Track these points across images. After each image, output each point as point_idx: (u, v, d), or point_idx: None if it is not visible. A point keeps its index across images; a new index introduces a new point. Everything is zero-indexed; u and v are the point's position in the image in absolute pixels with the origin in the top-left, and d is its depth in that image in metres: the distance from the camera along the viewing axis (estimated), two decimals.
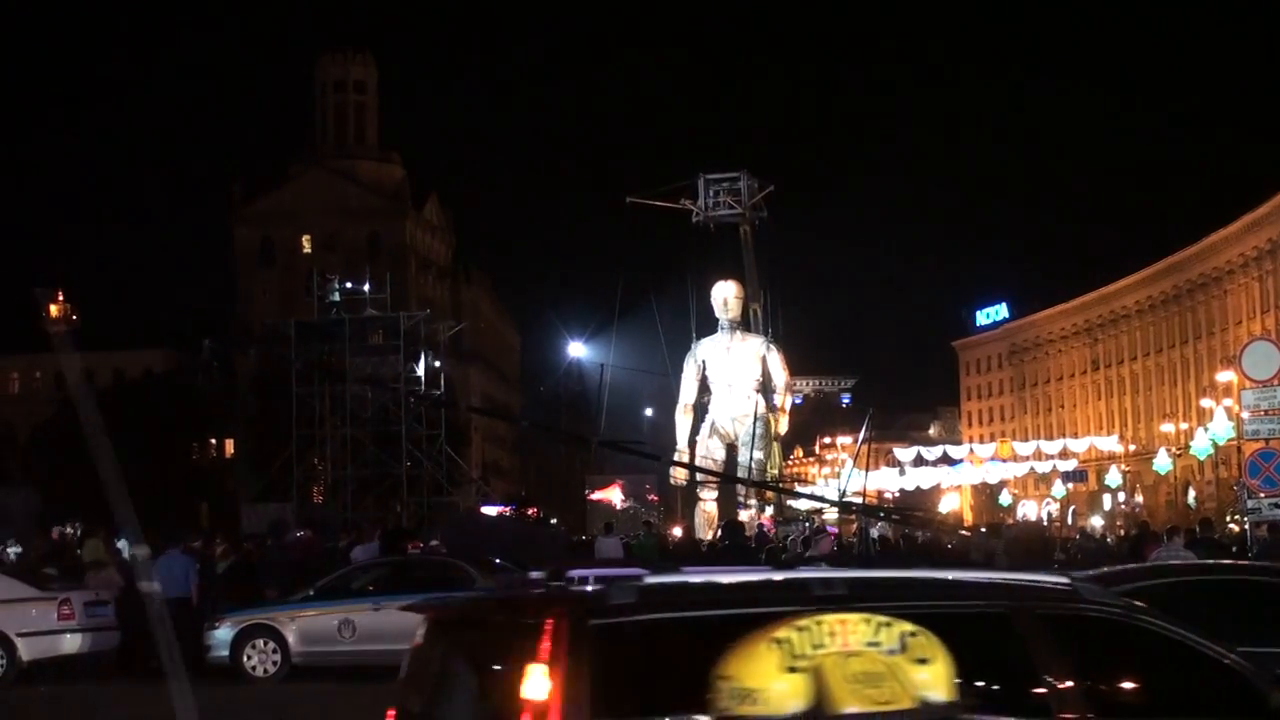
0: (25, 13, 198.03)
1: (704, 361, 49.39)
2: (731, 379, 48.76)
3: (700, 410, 50.68)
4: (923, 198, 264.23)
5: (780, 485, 52.81)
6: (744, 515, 45.25)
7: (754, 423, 47.88)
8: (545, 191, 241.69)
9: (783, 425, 49.37)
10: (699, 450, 49.09)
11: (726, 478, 47.17)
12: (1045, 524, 78.66)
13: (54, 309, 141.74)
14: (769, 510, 49.60)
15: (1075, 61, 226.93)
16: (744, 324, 50.43)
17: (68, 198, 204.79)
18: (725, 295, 49.22)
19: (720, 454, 49.06)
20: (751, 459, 47.17)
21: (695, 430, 49.99)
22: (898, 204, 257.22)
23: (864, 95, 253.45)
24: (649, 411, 52.23)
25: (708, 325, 50.16)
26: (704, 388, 50.02)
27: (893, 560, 28.26)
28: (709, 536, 43.79)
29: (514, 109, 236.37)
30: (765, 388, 49.24)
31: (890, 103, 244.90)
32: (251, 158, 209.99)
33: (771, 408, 48.92)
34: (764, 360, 49.05)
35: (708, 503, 48.51)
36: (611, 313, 54.78)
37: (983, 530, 38.04)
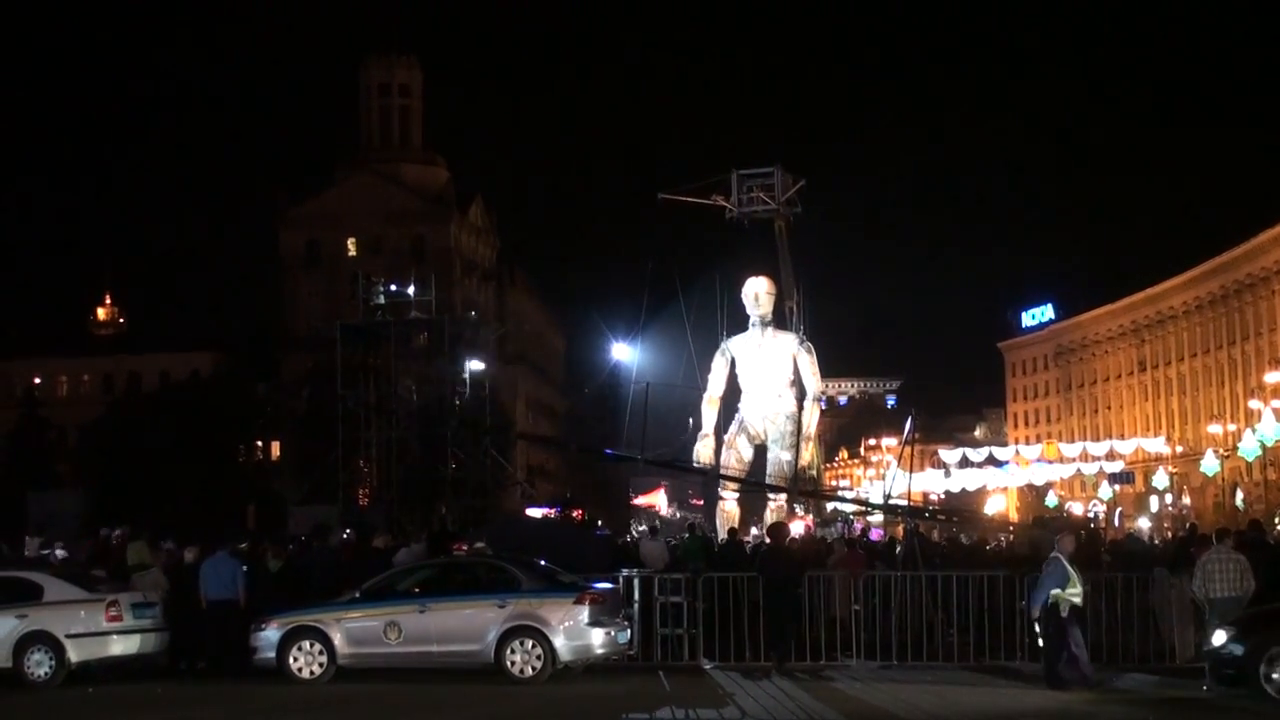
0: (69, 17, 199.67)
1: (734, 358, 48.83)
2: (762, 377, 48.15)
3: (731, 410, 50.17)
4: (967, 196, 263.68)
5: (816, 489, 52.44)
6: (770, 516, 45.02)
7: (784, 421, 47.24)
8: (589, 192, 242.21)
9: (812, 423, 48.74)
10: (728, 448, 48.59)
11: (766, 487, 46.66)
12: (1091, 520, 78.21)
13: (102, 312, 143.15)
14: (803, 510, 49.15)
15: (1122, 58, 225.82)
16: (776, 321, 49.85)
17: (115, 202, 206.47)
18: (756, 290, 48.47)
19: (748, 454, 48.55)
20: (795, 460, 46.66)
21: (724, 426, 49.61)
22: (941, 202, 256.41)
23: (904, 89, 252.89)
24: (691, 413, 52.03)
25: (738, 325, 49.69)
26: (735, 387, 49.53)
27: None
28: (750, 539, 43.60)
29: (557, 111, 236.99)
30: (797, 386, 48.66)
31: (932, 97, 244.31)
32: (297, 161, 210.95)
33: (804, 406, 48.18)
34: (795, 359, 48.42)
35: (728, 502, 47.93)
36: (652, 312, 54.36)
37: (1029, 524, 37.84)
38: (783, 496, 45.55)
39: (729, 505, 47.29)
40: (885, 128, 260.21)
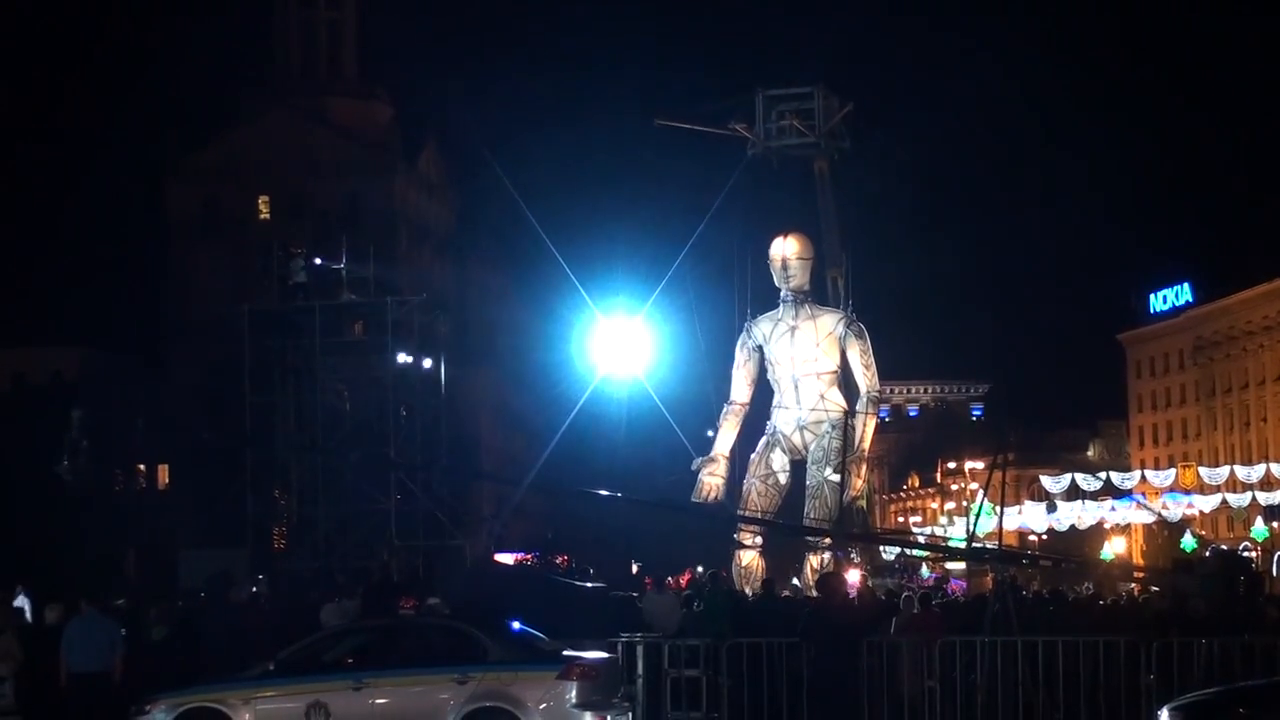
0: None
1: (760, 347, 48.51)
2: (797, 371, 47.81)
3: (759, 414, 49.81)
4: (1076, 135, 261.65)
5: (868, 528, 52.31)
6: (815, 561, 45.07)
7: (830, 430, 46.83)
8: (574, 135, 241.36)
9: (867, 435, 48.49)
10: (754, 471, 48.33)
11: (798, 529, 46.53)
12: (1251, 557, 78.25)
13: None
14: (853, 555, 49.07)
15: None
16: (814, 296, 49.45)
17: None
18: (784, 253, 48.03)
19: (784, 476, 48.21)
20: (843, 482, 46.23)
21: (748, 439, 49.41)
22: (1041, 142, 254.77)
23: None
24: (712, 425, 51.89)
25: (765, 301, 49.39)
26: (766, 384, 49.21)
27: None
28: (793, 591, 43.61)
29: (532, 29, 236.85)
30: (845, 382, 48.32)
31: None
32: (190, 95, 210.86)
33: (853, 410, 47.69)
34: (841, 344, 48.01)
35: (746, 553, 47.17)
36: (655, 288, 54.21)
37: (1168, 569, 37.79)
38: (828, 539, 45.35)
39: (746, 557, 46.52)
40: (966, 36, 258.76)
